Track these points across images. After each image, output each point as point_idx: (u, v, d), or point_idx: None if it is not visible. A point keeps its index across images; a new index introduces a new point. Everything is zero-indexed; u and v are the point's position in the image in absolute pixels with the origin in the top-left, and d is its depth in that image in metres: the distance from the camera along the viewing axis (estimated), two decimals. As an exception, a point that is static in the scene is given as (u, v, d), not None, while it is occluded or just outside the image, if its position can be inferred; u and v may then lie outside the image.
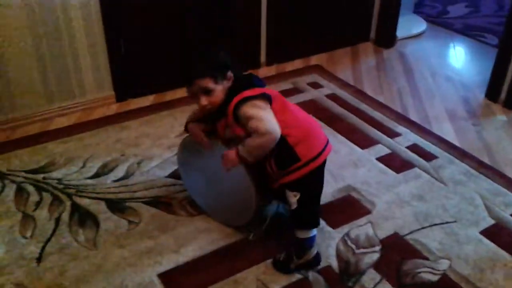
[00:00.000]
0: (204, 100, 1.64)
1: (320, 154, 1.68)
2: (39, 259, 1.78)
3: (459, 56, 3.63)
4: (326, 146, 1.72)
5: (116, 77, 2.75)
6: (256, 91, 1.63)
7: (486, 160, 2.42)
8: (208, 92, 1.63)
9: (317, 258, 1.78)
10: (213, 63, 1.65)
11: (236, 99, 1.61)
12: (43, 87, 2.56)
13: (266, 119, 1.58)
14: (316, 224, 1.76)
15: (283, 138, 1.61)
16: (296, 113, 1.72)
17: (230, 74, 1.67)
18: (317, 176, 1.73)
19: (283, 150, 1.63)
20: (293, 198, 1.68)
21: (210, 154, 1.83)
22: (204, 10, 2.89)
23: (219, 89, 1.64)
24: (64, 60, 2.55)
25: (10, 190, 2.10)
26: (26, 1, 2.33)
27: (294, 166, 1.65)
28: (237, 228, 1.93)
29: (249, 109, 1.59)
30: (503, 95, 2.89)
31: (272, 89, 1.71)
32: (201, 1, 2.86)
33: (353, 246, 1.89)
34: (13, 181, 2.16)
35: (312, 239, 1.75)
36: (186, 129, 1.86)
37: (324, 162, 1.72)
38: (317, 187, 1.77)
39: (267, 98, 1.64)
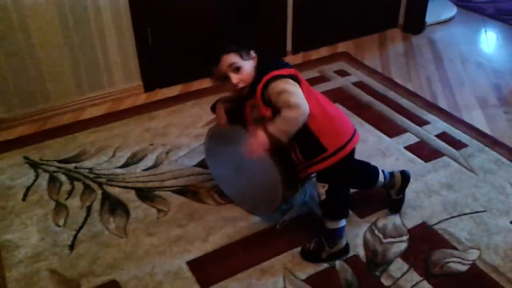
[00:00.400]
0: (235, 78, 1.62)
1: (347, 143, 1.67)
2: (71, 247, 1.84)
3: (490, 42, 3.53)
4: (354, 134, 1.70)
5: (144, 68, 2.78)
6: (285, 71, 1.62)
7: (518, 148, 2.37)
8: (237, 69, 1.62)
9: (347, 248, 1.79)
10: (236, 40, 1.66)
11: (265, 78, 1.59)
12: (74, 78, 2.62)
13: (297, 93, 1.56)
14: (345, 215, 1.77)
15: (306, 125, 1.59)
16: (321, 100, 1.70)
17: (253, 53, 1.67)
18: (345, 166, 1.71)
19: (308, 139, 1.62)
20: (322, 189, 1.69)
21: (236, 142, 1.84)
22: (230, 3, 2.89)
23: (247, 66, 1.64)
24: (93, 52, 2.60)
25: (43, 180, 2.16)
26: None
27: (320, 156, 1.64)
28: (263, 217, 1.95)
29: (279, 84, 1.57)
30: (536, 81, 2.82)
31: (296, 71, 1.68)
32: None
33: (381, 236, 1.88)
34: (46, 171, 2.22)
35: (341, 229, 1.76)
36: (213, 109, 1.86)
37: (353, 151, 1.71)
38: (346, 177, 1.76)
39: (296, 79, 1.63)
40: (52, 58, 2.51)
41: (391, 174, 1.94)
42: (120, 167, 2.25)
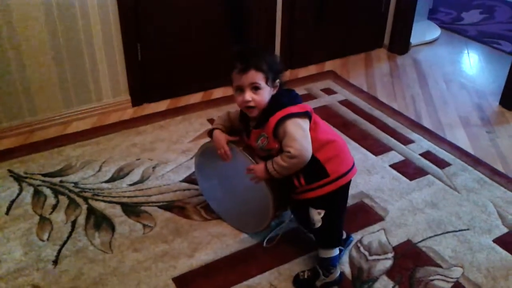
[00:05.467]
0: (249, 96, 1.60)
1: (348, 171, 1.68)
2: (55, 262, 1.81)
3: (473, 63, 3.62)
4: (353, 166, 1.72)
5: (132, 82, 2.79)
6: (301, 107, 1.63)
7: (499, 168, 2.41)
8: (256, 88, 1.60)
9: (341, 276, 1.77)
10: (270, 63, 1.63)
11: (280, 114, 1.59)
12: (61, 91, 2.61)
13: (300, 141, 1.58)
14: (339, 243, 1.77)
15: (314, 157, 1.61)
16: (327, 130, 1.72)
17: (277, 83, 1.67)
18: (342, 194, 1.73)
19: (313, 167, 1.63)
20: (317, 215, 1.67)
21: (230, 161, 1.84)
22: (219, 16, 2.93)
23: (266, 91, 1.62)
24: (82, 66, 2.60)
25: (27, 193, 2.14)
26: (46, 5, 2.38)
27: (322, 182, 1.64)
28: (251, 234, 1.95)
29: (289, 126, 1.58)
30: (517, 102, 2.88)
31: (308, 105, 1.69)
32: (216, 8, 2.90)
33: (366, 253, 1.89)
34: (30, 184, 2.20)
35: (336, 258, 1.74)
36: (210, 135, 1.85)
37: (349, 183, 1.72)
38: (342, 205, 1.77)
39: (309, 117, 1.64)
40: (40, 71, 2.50)
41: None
42: (106, 181, 2.24)
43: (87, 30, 2.53)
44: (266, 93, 1.63)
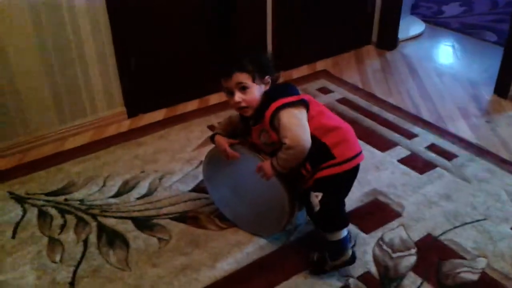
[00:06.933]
0: (238, 97, 1.63)
1: (354, 157, 1.67)
2: (72, 284, 1.73)
3: (461, 55, 3.65)
4: (360, 153, 1.70)
5: (127, 93, 2.71)
6: (295, 97, 1.63)
7: (504, 156, 2.43)
8: (243, 88, 1.62)
9: (352, 257, 1.73)
10: (255, 61, 1.64)
11: (274, 105, 1.60)
12: (55, 107, 2.51)
13: (295, 130, 1.57)
14: (345, 224, 1.71)
15: (321, 142, 1.61)
16: (334, 117, 1.72)
17: (268, 78, 1.66)
18: (345, 181, 1.71)
19: (320, 151, 1.62)
20: (315, 198, 1.64)
21: (237, 164, 1.81)
22: (210, 22, 2.88)
23: (255, 89, 1.63)
24: (74, 79, 2.51)
25: (32, 215, 2.04)
26: (34, 18, 2.28)
27: (327, 163, 1.63)
28: (269, 239, 1.90)
29: (283, 117, 1.58)
30: (512, 90, 2.92)
31: (308, 95, 1.70)
32: (207, 14, 2.85)
33: (389, 250, 1.87)
34: (33, 205, 2.10)
35: (345, 240, 1.70)
36: (212, 140, 1.83)
37: (356, 170, 1.71)
38: (342, 191, 1.75)
39: (305, 104, 1.63)
40: (32, 88, 2.40)
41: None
42: (113, 196, 2.15)
43: (79, 43, 2.44)
44: (255, 91, 1.64)
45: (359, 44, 3.67)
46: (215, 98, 2.98)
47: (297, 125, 1.58)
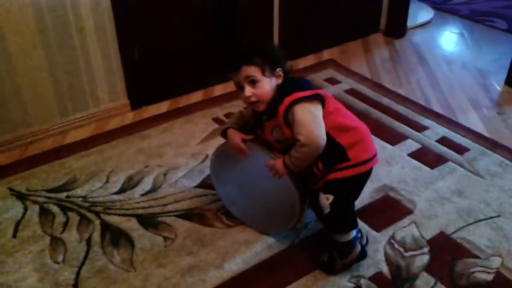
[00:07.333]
0: (248, 91, 1.56)
1: (369, 160, 1.61)
2: (75, 286, 1.68)
3: (471, 43, 3.56)
4: (375, 156, 1.65)
5: (130, 85, 2.64)
6: (310, 91, 1.55)
7: (517, 149, 2.37)
8: (253, 82, 1.55)
9: (362, 252, 1.69)
10: (264, 53, 1.57)
11: (288, 100, 1.52)
12: (56, 99, 2.44)
13: (309, 126, 1.50)
14: (354, 226, 1.67)
15: (337, 142, 1.55)
16: (350, 116, 1.65)
17: (279, 71, 1.59)
18: (357, 183, 1.67)
19: (335, 152, 1.56)
20: (326, 201, 1.59)
21: (247, 161, 1.75)
22: (215, 12, 2.80)
23: (265, 82, 1.56)
24: (77, 70, 2.44)
25: (33, 212, 1.99)
26: (36, 10, 2.20)
27: (341, 165, 1.58)
28: (277, 237, 1.85)
29: (298, 112, 1.51)
30: (524, 81, 2.84)
31: (325, 91, 1.63)
32: (211, 4, 2.76)
33: (401, 249, 1.81)
34: (35, 202, 2.05)
35: (353, 240, 1.67)
36: (223, 134, 1.76)
37: (369, 173, 1.65)
38: (354, 194, 1.70)
39: (320, 99, 1.56)
40: (33, 80, 2.33)
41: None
42: (116, 193, 2.10)
43: (81, 33, 2.37)
44: (266, 85, 1.57)
45: (366, 32, 3.58)
46: (219, 89, 2.91)
47: (312, 121, 1.51)
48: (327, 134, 1.53)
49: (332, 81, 2.99)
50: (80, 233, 1.89)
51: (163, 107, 2.75)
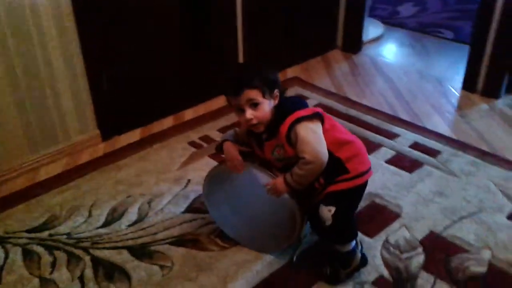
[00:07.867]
0: (249, 114, 1.57)
1: (366, 172, 1.66)
2: (75, 326, 1.60)
3: (423, 53, 3.74)
4: (370, 169, 1.70)
5: (100, 115, 2.57)
6: (309, 110, 1.59)
7: (484, 148, 2.49)
8: (255, 105, 1.56)
9: (363, 259, 1.73)
10: (265, 77, 1.58)
11: (289, 120, 1.55)
12: (25, 135, 2.34)
13: (313, 144, 1.54)
14: (355, 235, 1.72)
15: (335, 156, 1.59)
16: (345, 131, 1.70)
17: (277, 93, 1.62)
18: (356, 195, 1.71)
19: (334, 166, 1.59)
20: (328, 212, 1.61)
21: (242, 180, 1.75)
22: (181, 38, 2.81)
23: (266, 104, 1.58)
24: (45, 104, 2.35)
25: (16, 255, 1.88)
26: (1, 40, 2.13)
27: (341, 178, 1.61)
28: (275, 254, 1.84)
29: (300, 131, 1.54)
30: (479, 85, 3.01)
31: (319, 108, 1.66)
32: (179, 30, 2.77)
33: (397, 252, 1.86)
34: (15, 244, 1.93)
35: (353, 249, 1.71)
36: (219, 149, 1.75)
37: (366, 184, 1.69)
38: (354, 204, 1.74)
39: (320, 117, 1.60)
40: (-1, 116, 2.23)
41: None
42: (102, 226, 2.02)
43: (48, 66, 2.29)
44: (266, 107, 1.59)
45: (325, 49, 3.69)
46: (189, 113, 2.89)
47: (315, 139, 1.54)
48: (327, 150, 1.56)
49: (300, 97, 3.04)
50: (71, 272, 1.80)
51: (135, 135, 2.69)
